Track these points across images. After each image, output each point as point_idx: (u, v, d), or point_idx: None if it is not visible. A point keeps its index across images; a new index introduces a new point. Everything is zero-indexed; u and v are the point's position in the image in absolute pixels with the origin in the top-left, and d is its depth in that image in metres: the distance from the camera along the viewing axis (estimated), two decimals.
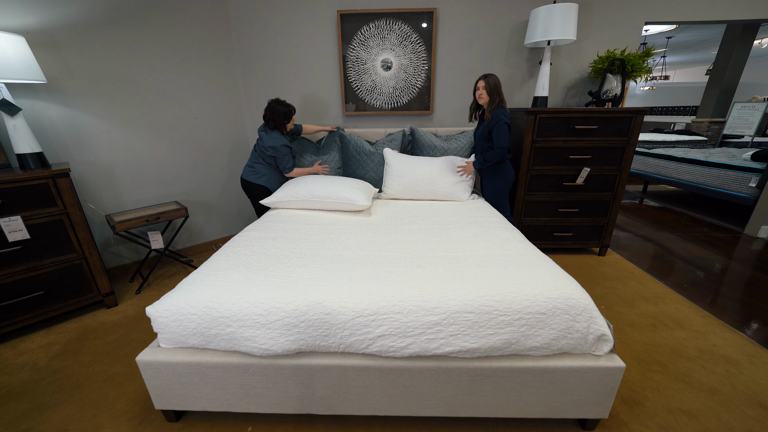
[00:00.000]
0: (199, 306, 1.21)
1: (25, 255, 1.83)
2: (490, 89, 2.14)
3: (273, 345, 1.18)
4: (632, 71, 2.45)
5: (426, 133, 2.69)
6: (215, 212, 3.02)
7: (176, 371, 1.25)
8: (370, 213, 2.19)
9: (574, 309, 1.16)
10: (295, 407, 1.30)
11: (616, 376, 1.18)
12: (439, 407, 1.27)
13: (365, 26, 2.66)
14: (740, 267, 2.66)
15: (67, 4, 2.05)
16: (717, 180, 3.77)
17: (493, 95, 2.15)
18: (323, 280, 1.31)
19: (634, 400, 1.45)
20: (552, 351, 1.20)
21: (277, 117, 2.29)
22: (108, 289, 2.14)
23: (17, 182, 1.75)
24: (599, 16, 2.62)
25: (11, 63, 1.70)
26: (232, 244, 1.69)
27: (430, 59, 2.73)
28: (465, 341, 1.15)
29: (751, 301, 2.18)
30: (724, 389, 1.49)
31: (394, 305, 1.17)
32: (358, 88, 2.84)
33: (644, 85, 10.71)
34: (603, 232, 2.74)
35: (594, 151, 2.49)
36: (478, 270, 1.36)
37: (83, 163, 2.27)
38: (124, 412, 1.42)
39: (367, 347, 1.18)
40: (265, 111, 2.31)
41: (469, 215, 2.07)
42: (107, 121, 2.31)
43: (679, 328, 1.91)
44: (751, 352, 1.72)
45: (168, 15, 2.42)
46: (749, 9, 2.58)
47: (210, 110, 2.77)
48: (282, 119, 2.31)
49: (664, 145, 5.48)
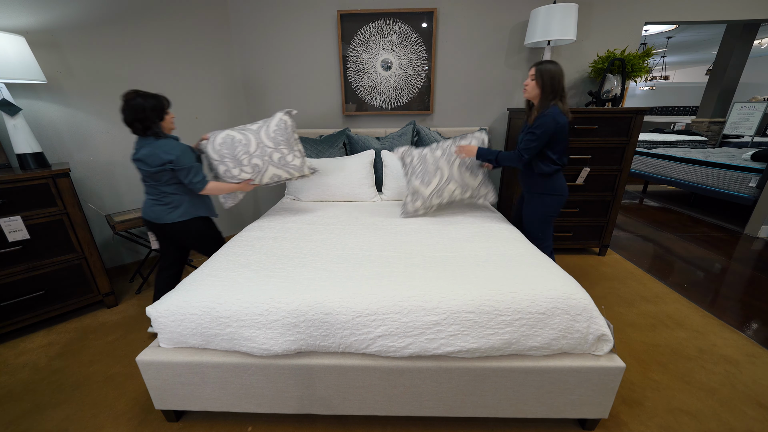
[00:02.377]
0: (199, 306, 1.21)
1: (25, 255, 1.83)
2: (543, 81, 1.62)
3: (273, 345, 1.18)
4: (632, 71, 2.45)
5: (431, 132, 2.70)
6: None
7: (176, 371, 1.25)
8: (369, 213, 2.19)
9: (574, 309, 1.16)
10: (295, 407, 1.30)
11: (616, 376, 1.18)
12: (439, 407, 1.27)
13: (365, 26, 2.66)
14: (740, 267, 2.66)
15: (67, 4, 2.05)
16: (717, 180, 3.77)
17: (546, 89, 1.63)
18: (323, 280, 1.31)
19: (634, 400, 1.45)
20: (552, 351, 1.20)
21: (143, 115, 1.51)
22: (108, 289, 2.14)
23: (17, 182, 1.75)
24: (599, 16, 2.62)
25: (11, 63, 1.71)
26: (232, 244, 1.69)
27: (430, 59, 2.73)
28: (465, 341, 1.15)
29: (751, 301, 2.18)
30: (724, 389, 1.49)
31: (394, 305, 1.17)
32: (358, 88, 2.84)
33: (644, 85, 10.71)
34: (603, 232, 2.74)
35: (594, 151, 2.49)
36: (478, 270, 1.36)
37: (83, 163, 2.27)
38: (124, 412, 1.42)
39: (367, 347, 1.18)
40: (122, 113, 1.51)
41: (468, 215, 2.07)
42: (107, 121, 2.31)
43: (679, 328, 1.91)
44: (751, 352, 1.72)
45: (168, 15, 2.42)
46: (749, 9, 2.58)
47: (210, 110, 2.77)
48: (152, 116, 1.53)
49: (664, 145, 5.48)
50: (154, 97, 1.56)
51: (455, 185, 1.99)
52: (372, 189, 2.50)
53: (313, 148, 2.69)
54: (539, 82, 1.63)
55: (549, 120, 1.60)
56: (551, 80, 1.61)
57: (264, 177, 1.92)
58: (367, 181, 2.47)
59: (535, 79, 1.65)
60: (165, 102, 1.61)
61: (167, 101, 1.64)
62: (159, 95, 1.59)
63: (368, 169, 2.48)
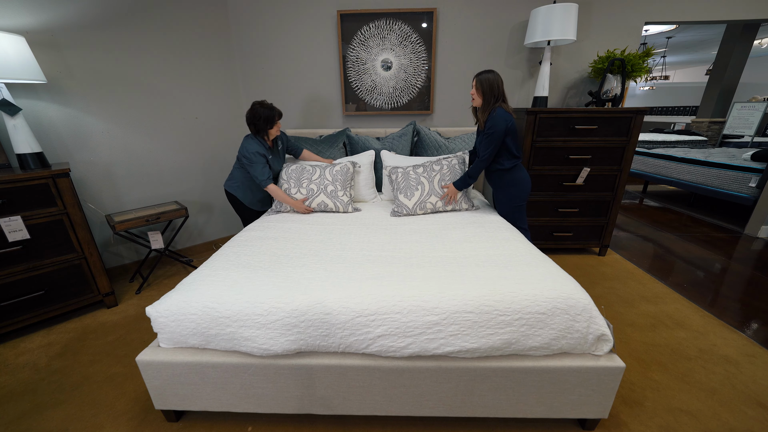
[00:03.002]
0: (199, 306, 1.21)
1: (25, 255, 1.83)
2: (483, 89, 1.83)
3: (273, 345, 1.18)
4: (632, 71, 2.45)
5: (431, 132, 2.70)
6: (215, 212, 3.02)
7: (176, 371, 1.25)
8: (370, 213, 2.19)
9: (574, 309, 1.16)
10: (295, 407, 1.30)
11: (615, 376, 1.18)
12: (439, 407, 1.27)
13: (365, 26, 2.66)
14: (740, 267, 2.65)
15: (67, 4, 2.05)
16: (717, 180, 3.77)
17: (486, 96, 1.83)
18: (323, 280, 1.31)
19: (634, 399, 1.45)
20: (552, 351, 1.20)
21: (257, 121, 2.06)
22: (108, 289, 2.14)
23: (17, 182, 1.75)
24: (599, 16, 2.62)
25: (11, 63, 1.70)
26: (232, 244, 1.69)
27: (430, 59, 2.73)
28: (465, 341, 1.15)
29: (750, 301, 2.18)
30: (723, 389, 1.49)
31: (394, 305, 1.17)
32: (358, 88, 2.84)
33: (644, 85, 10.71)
34: (603, 232, 2.74)
35: (594, 151, 2.49)
36: (477, 270, 1.36)
37: (83, 163, 2.27)
38: (124, 412, 1.42)
39: (367, 347, 1.18)
40: (246, 114, 2.11)
41: (468, 215, 2.07)
42: (107, 121, 2.31)
43: (679, 328, 1.91)
44: (751, 352, 1.72)
45: (168, 15, 2.42)
46: (749, 9, 2.58)
47: (210, 110, 2.77)
48: (263, 124, 2.07)
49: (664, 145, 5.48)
50: (270, 108, 2.08)
51: (436, 198, 2.13)
52: (372, 189, 2.50)
53: (314, 149, 2.68)
54: (481, 90, 1.84)
55: (499, 120, 1.80)
56: (490, 87, 1.82)
57: (314, 201, 2.21)
58: (367, 181, 2.47)
59: (476, 88, 1.86)
60: (277, 114, 2.11)
61: (278, 114, 2.12)
62: (274, 108, 2.10)
63: (368, 170, 2.49)
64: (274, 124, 2.12)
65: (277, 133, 2.19)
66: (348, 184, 2.28)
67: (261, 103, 2.07)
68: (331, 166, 2.29)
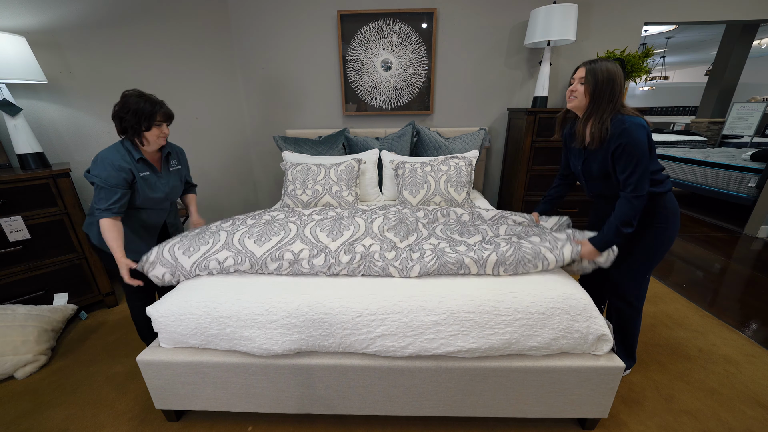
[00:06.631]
0: (200, 306, 1.21)
1: (25, 255, 1.83)
2: (596, 85, 1.18)
3: (273, 345, 1.18)
4: (632, 71, 2.45)
5: (431, 132, 2.70)
6: (215, 212, 3.02)
7: (177, 371, 1.25)
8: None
9: (573, 309, 1.17)
10: (295, 407, 1.30)
11: (615, 376, 1.19)
12: (439, 407, 1.28)
13: (365, 26, 2.66)
14: (739, 267, 2.66)
15: (67, 5, 2.05)
16: (716, 180, 3.78)
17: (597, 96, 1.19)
18: (323, 279, 1.31)
19: (634, 399, 1.45)
20: (552, 351, 1.20)
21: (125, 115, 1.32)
22: (108, 289, 2.14)
23: (18, 182, 1.75)
24: (599, 17, 2.62)
25: (12, 63, 1.71)
26: None
27: (430, 59, 2.73)
28: (465, 341, 1.16)
29: (750, 301, 2.18)
30: (723, 389, 1.50)
31: (394, 305, 1.17)
32: (358, 88, 2.84)
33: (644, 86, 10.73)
34: None
35: None
36: None
37: (84, 163, 2.27)
38: (125, 412, 1.42)
39: (367, 347, 1.18)
40: (114, 107, 1.34)
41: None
42: (107, 121, 2.30)
43: (679, 327, 1.91)
44: (751, 351, 1.72)
45: (168, 15, 2.42)
46: (749, 9, 2.58)
47: (210, 110, 2.77)
48: (133, 121, 1.32)
49: (663, 145, 5.49)
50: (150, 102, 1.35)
51: (441, 199, 2.12)
52: (376, 189, 2.48)
53: (313, 149, 2.68)
54: (591, 85, 1.19)
55: (634, 129, 1.14)
56: (610, 83, 1.17)
57: (319, 203, 2.19)
58: (372, 180, 2.46)
59: (588, 82, 1.20)
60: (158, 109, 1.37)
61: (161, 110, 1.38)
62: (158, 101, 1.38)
63: (373, 168, 2.48)
64: (153, 124, 1.34)
65: (161, 142, 1.43)
66: (353, 183, 2.25)
67: (140, 94, 1.32)
68: (336, 166, 2.26)
